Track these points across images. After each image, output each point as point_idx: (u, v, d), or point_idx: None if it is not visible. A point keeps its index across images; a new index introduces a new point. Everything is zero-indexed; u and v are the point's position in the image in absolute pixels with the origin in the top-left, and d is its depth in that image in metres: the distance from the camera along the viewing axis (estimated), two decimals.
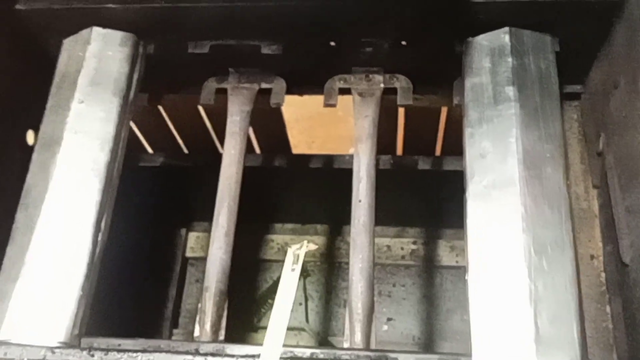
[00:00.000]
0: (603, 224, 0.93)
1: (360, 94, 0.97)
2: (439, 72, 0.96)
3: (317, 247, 0.62)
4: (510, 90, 0.83)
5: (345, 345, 0.79)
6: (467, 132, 0.83)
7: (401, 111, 1.22)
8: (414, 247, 1.43)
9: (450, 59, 0.91)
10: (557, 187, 0.77)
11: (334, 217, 1.43)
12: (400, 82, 0.98)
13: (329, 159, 1.25)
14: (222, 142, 0.96)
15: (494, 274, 0.73)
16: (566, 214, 0.76)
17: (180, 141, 1.31)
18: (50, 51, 0.94)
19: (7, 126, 0.96)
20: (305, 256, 0.71)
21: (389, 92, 0.98)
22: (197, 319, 0.82)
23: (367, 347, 0.78)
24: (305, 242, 0.60)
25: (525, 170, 0.78)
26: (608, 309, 0.91)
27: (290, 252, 0.63)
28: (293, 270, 0.64)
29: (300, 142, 1.84)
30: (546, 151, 0.80)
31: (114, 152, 0.84)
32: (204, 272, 0.85)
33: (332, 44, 0.93)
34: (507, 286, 0.72)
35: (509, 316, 0.70)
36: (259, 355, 0.68)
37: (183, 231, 1.41)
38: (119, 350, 0.69)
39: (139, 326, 1.29)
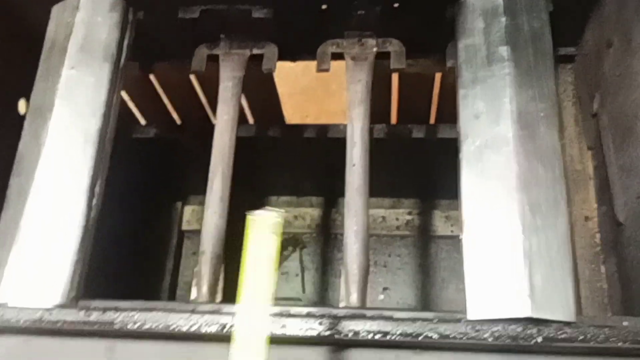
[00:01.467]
0: (597, 185, 0.94)
1: (353, 59, 0.96)
2: (432, 36, 0.95)
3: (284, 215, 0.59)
4: (504, 50, 0.83)
5: (341, 305, 0.79)
6: (461, 93, 0.83)
7: (395, 79, 1.21)
8: (409, 217, 1.44)
9: (443, 22, 0.90)
10: (551, 146, 0.77)
11: (329, 189, 1.43)
12: (393, 46, 0.97)
13: (323, 128, 1.24)
14: (215, 113, 0.96)
15: (489, 232, 0.73)
16: (560, 172, 0.76)
17: (173, 113, 1.30)
18: (38, 19, 0.93)
19: None
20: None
21: (382, 57, 0.97)
22: (194, 282, 0.82)
23: (363, 307, 0.78)
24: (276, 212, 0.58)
25: (519, 130, 0.78)
26: (603, 269, 0.92)
27: (257, 220, 0.60)
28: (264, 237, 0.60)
29: (294, 116, 1.82)
30: (540, 110, 0.79)
31: (106, 118, 0.84)
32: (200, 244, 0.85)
33: (324, 7, 0.93)
34: (502, 243, 0.72)
35: (503, 273, 0.70)
36: None
37: (179, 204, 1.41)
38: (115, 310, 0.69)
39: (136, 299, 1.29)
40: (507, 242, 0.72)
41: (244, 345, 0.55)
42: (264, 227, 0.58)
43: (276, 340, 0.67)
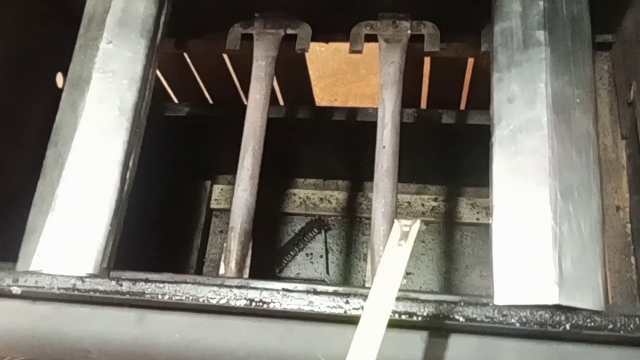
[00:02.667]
0: (630, 175, 0.92)
1: (386, 40, 0.96)
2: (467, 19, 0.94)
3: (424, 227, 0.59)
4: (541, 34, 0.82)
5: (368, 285, 0.80)
6: (495, 76, 0.82)
7: (427, 63, 1.20)
8: (434, 203, 1.43)
9: (478, 6, 0.89)
10: (586, 132, 0.76)
11: (356, 173, 1.43)
12: (428, 29, 0.96)
13: (352, 111, 1.24)
14: (246, 94, 0.96)
15: (519, 216, 0.72)
16: (594, 158, 0.75)
17: (205, 92, 1.31)
18: None
19: (37, 70, 0.97)
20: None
21: (416, 40, 0.97)
22: (223, 257, 0.84)
23: None
24: (419, 220, 0.58)
25: (554, 115, 0.77)
26: (633, 260, 0.90)
27: (398, 226, 0.60)
28: (400, 245, 0.61)
29: (323, 99, 1.83)
30: (576, 96, 0.78)
31: (141, 92, 0.85)
32: (227, 223, 0.86)
33: None
34: (532, 228, 0.71)
35: (532, 258, 0.70)
36: (282, 290, 0.70)
37: (208, 183, 1.43)
38: (146, 281, 0.71)
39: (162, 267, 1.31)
40: (537, 228, 0.71)
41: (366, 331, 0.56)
42: (406, 234, 0.59)
43: (303, 317, 0.69)
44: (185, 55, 1.19)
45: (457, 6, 0.94)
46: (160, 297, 0.70)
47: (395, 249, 0.60)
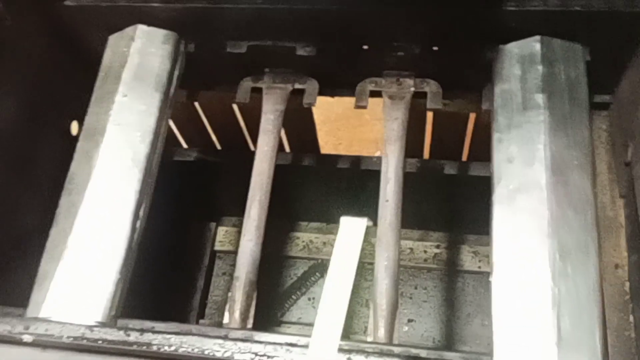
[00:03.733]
0: (629, 233, 0.94)
1: (390, 97, 0.99)
2: (468, 78, 0.98)
3: (371, 223, 0.60)
4: (540, 98, 0.85)
5: (369, 339, 0.81)
6: (496, 137, 0.85)
7: (429, 115, 1.23)
8: (437, 250, 1.45)
9: (480, 65, 0.93)
10: (584, 194, 0.79)
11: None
12: (430, 87, 1.00)
13: (356, 160, 1.27)
14: (253, 140, 1.00)
15: (518, 276, 0.74)
16: (592, 220, 0.77)
17: (214, 137, 1.34)
18: (95, 46, 0.99)
19: (53, 117, 1.01)
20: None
21: (419, 96, 1.00)
22: (227, 307, 0.85)
23: (390, 342, 0.80)
24: (366, 218, 0.59)
25: (552, 176, 0.79)
26: (631, 318, 0.92)
27: (346, 224, 0.61)
28: (349, 244, 0.61)
29: (327, 143, 1.86)
30: (574, 158, 0.81)
31: (154, 144, 0.88)
32: (231, 265, 0.89)
33: (365, 47, 0.96)
34: (531, 289, 0.73)
35: (531, 318, 0.71)
36: (286, 344, 0.71)
37: (212, 225, 1.45)
38: (153, 332, 0.73)
39: (167, 315, 1.33)
40: (536, 288, 0.73)
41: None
42: (354, 231, 0.60)
43: None
44: (195, 102, 1.23)
45: (459, 66, 0.97)
46: (166, 348, 0.72)
47: (344, 249, 0.61)
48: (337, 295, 0.58)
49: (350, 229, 0.59)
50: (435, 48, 0.94)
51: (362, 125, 1.88)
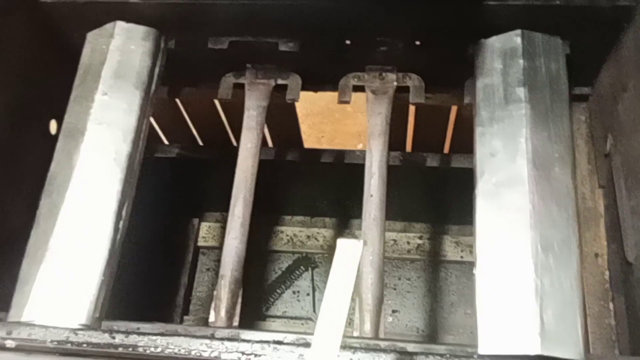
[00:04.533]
0: (608, 223, 0.96)
1: (373, 92, 0.99)
2: (450, 72, 0.98)
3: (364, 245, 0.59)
4: (521, 91, 0.86)
5: (355, 334, 0.81)
6: (478, 131, 0.85)
7: (412, 108, 1.24)
8: (419, 241, 1.46)
9: (462, 59, 0.93)
10: (565, 187, 0.80)
11: (342, 211, 1.46)
12: (413, 81, 1.00)
13: (339, 154, 1.27)
14: (236, 136, 0.99)
15: (502, 268, 0.75)
16: (573, 213, 0.78)
17: (195, 134, 1.33)
18: (73, 44, 0.97)
19: (31, 115, 0.99)
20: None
21: (402, 90, 1.00)
22: (213, 305, 0.85)
23: (376, 336, 0.80)
24: (362, 241, 0.59)
25: (534, 170, 0.80)
26: (611, 306, 0.94)
27: (343, 246, 0.61)
28: (346, 266, 0.61)
29: (310, 136, 1.86)
30: (555, 151, 0.82)
31: (135, 143, 0.87)
32: (215, 261, 0.88)
33: (348, 42, 0.96)
34: (514, 281, 0.74)
35: (515, 310, 0.73)
36: (273, 342, 0.71)
37: (195, 221, 1.44)
38: (138, 334, 0.72)
39: (151, 312, 1.32)
40: (519, 280, 0.74)
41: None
42: (350, 253, 0.59)
43: None
44: (177, 99, 1.22)
45: (441, 60, 0.98)
46: (152, 349, 0.71)
47: (341, 270, 0.61)
48: (334, 319, 0.58)
49: (347, 251, 0.59)
50: (417, 43, 0.94)
51: (345, 119, 1.88)
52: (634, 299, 0.86)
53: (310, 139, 1.84)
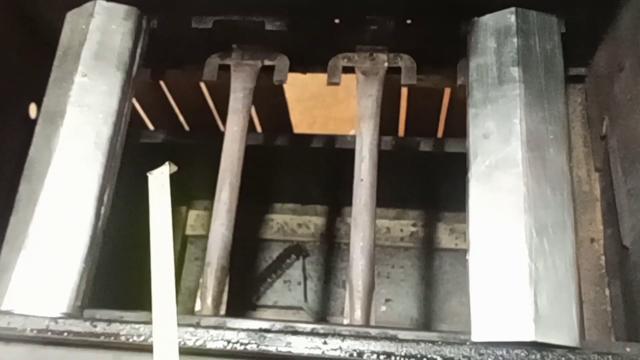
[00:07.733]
0: (604, 207, 0.94)
1: (364, 73, 0.96)
2: (443, 53, 0.95)
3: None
4: (515, 71, 0.83)
5: (345, 322, 0.79)
6: (471, 112, 0.83)
7: (404, 92, 1.21)
8: (413, 229, 1.44)
9: (455, 39, 0.90)
10: (560, 169, 0.77)
11: (334, 198, 1.43)
12: (405, 62, 0.97)
13: (330, 139, 1.25)
14: (223, 120, 0.96)
15: (495, 253, 0.73)
16: (568, 195, 0.76)
17: (181, 118, 1.30)
18: (52, 24, 0.93)
19: (10, 99, 0.96)
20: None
21: (393, 72, 0.97)
22: (199, 293, 0.83)
23: (366, 324, 0.78)
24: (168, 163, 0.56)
25: (529, 152, 0.78)
26: (607, 291, 0.92)
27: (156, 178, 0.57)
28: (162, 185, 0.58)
29: (302, 122, 1.83)
30: (550, 133, 0.79)
31: (117, 126, 0.84)
32: (203, 250, 0.86)
33: (337, 21, 0.93)
34: (508, 266, 0.72)
35: (508, 295, 0.71)
36: (259, 330, 0.69)
37: (183, 209, 1.41)
38: (121, 322, 0.70)
39: (138, 302, 1.29)
40: (513, 265, 0.72)
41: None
42: (162, 185, 0.57)
43: (282, 358, 0.68)
44: (161, 82, 1.18)
45: (434, 39, 0.95)
46: (135, 338, 0.69)
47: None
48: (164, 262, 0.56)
49: (156, 184, 0.56)
50: (409, 21, 0.92)
51: (338, 104, 1.85)
52: (630, 284, 0.84)
53: (302, 125, 1.81)
